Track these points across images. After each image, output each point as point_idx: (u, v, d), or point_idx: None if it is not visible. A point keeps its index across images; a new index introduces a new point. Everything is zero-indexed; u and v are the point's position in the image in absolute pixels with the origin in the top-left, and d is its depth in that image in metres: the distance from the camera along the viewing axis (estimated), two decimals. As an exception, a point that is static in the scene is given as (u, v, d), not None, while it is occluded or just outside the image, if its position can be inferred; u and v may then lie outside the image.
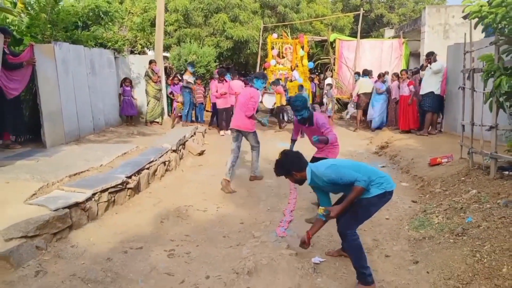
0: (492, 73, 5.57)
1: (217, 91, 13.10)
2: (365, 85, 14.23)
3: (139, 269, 4.15)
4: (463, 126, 7.09)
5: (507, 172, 5.86)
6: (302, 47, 18.11)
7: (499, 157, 5.69)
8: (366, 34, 29.16)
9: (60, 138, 8.55)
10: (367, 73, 14.71)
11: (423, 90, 11.01)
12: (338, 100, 20.05)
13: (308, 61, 18.48)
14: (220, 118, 13.57)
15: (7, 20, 10.25)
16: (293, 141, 6.35)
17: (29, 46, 8.12)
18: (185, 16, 21.24)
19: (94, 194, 5.23)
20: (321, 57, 21.51)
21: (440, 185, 6.55)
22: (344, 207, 3.78)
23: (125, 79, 12.51)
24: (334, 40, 20.02)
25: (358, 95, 14.30)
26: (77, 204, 4.87)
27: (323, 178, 3.81)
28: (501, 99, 5.64)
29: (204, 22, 21.52)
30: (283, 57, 18.75)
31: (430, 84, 10.79)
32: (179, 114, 13.71)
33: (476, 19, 5.51)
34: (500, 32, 5.47)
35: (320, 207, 4.11)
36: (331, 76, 18.38)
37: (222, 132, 13.23)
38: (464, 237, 4.42)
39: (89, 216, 5.12)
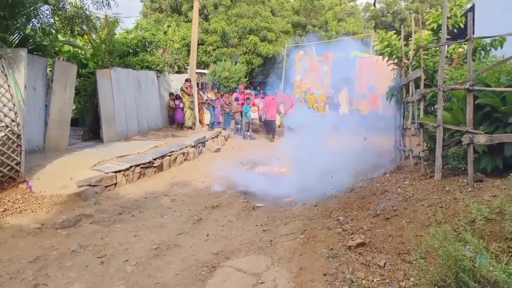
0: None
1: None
2: None
3: (152, 204, 7.17)
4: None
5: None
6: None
7: (397, 147, 8.20)
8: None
9: (113, 137, 11.83)
10: None
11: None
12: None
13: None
14: None
15: (75, 50, 13.84)
16: None
17: None
18: (223, 37, 24.51)
19: (130, 167, 8.36)
20: (343, 72, 23.90)
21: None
22: None
23: (176, 95, 15.72)
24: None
25: None
26: (120, 171, 8.00)
27: None
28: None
29: (239, 42, 24.70)
30: (310, 72, 21.30)
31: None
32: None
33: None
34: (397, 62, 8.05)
35: None
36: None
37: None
38: (350, 193, 7.07)
39: (127, 180, 8.25)
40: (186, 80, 16.12)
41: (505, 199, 3.74)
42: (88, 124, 12.11)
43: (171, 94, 15.88)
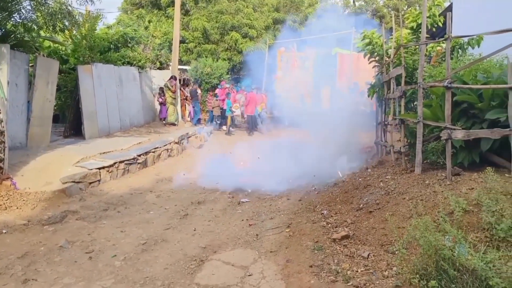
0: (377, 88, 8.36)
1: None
2: None
3: (137, 201, 7.20)
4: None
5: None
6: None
7: (379, 143, 8.42)
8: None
9: (95, 133, 11.75)
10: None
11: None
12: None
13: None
14: None
15: (56, 45, 13.66)
16: None
17: None
18: (204, 34, 24.41)
19: (114, 163, 8.36)
20: (324, 69, 24.16)
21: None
22: None
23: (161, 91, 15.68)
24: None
25: None
26: (104, 167, 8.00)
27: None
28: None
29: (220, 39, 24.63)
30: (291, 69, 21.43)
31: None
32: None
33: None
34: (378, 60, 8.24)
35: None
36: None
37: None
38: (334, 187, 7.24)
39: (111, 176, 8.25)
40: (172, 77, 16.06)
41: (481, 191, 3.93)
42: (69, 121, 11.99)
43: (161, 89, 15.87)
